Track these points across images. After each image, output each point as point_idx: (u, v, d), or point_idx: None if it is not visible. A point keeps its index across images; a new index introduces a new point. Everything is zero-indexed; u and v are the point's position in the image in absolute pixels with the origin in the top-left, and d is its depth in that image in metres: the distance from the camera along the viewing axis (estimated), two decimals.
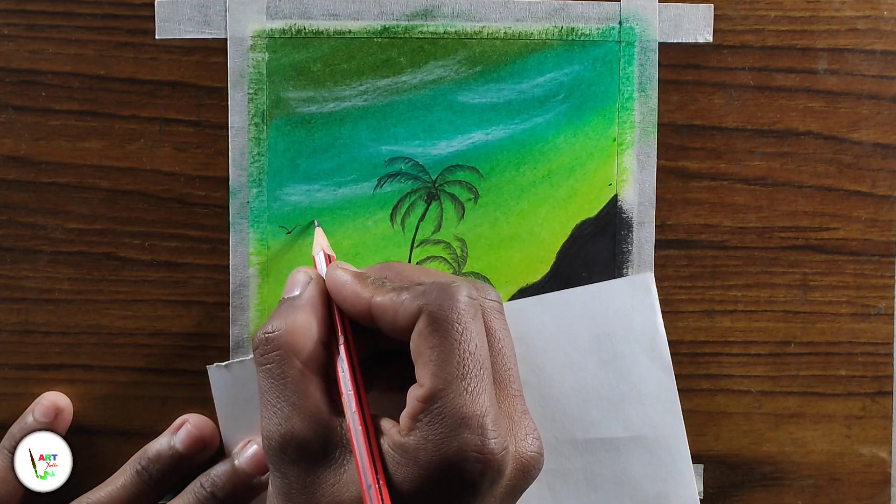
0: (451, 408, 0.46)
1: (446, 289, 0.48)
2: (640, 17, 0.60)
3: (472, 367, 0.47)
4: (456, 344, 0.47)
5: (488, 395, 0.47)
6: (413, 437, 0.47)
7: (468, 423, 0.46)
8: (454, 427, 0.46)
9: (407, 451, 0.47)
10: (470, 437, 0.46)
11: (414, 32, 0.60)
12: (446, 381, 0.46)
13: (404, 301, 0.48)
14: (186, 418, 0.59)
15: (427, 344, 0.47)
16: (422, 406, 0.47)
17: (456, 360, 0.47)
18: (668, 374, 0.59)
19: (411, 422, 0.47)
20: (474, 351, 0.47)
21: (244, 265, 0.60)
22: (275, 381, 0.49)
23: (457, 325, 0.47)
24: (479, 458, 0.46)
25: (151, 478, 0.57)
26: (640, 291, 0.59)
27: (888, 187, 0.61)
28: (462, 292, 0.48)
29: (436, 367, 0.47)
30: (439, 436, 0.46)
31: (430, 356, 0.47)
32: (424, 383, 0.47)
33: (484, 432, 0.46)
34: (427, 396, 0.47)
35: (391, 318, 0.49)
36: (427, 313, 0.48)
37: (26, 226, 0.59)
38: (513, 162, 0.60)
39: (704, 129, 0.60)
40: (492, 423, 0.46)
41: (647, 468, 0.59)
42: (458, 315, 0.47)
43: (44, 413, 0.59)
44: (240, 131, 0.59)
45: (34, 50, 0.59)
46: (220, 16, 0.59)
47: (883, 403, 0.61)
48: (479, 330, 0.48)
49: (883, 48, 0.60)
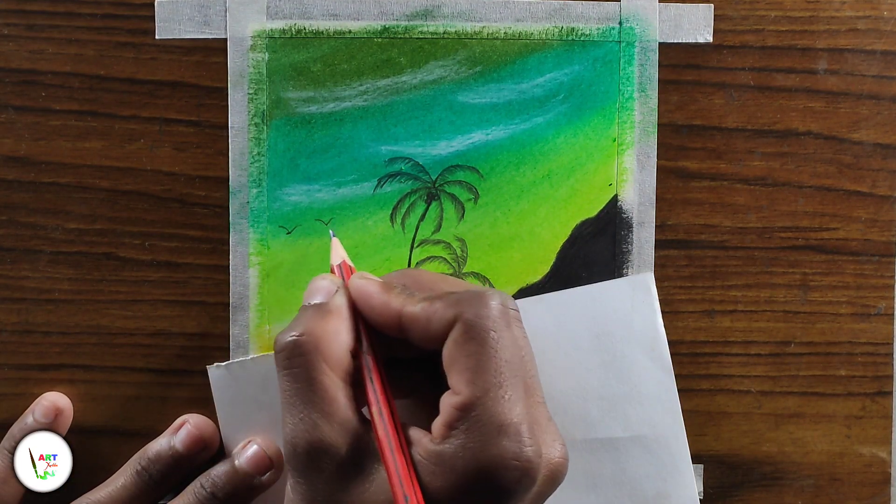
0: (490, 415, 0.46)
1: (481, 297, 0.48)
2: (640, 17, 0.60)
3: (508, 376, 0.47)
4: (493, 352, 0.47)
5: (523, 402, 0.47)
6: (449, 445, 0.46)
7: (506, 430, 0.46)
8: (493, 434, 0.46)
9: (443, 459, 0.46)
10: (508, 444, 0.45)
11: (414, 32, 0.60)
12: (484, 388, 0.46)
13: (438, 309, 0.48)
14: (186, 418, 0.59)
15: (463, 352, 0.47)
16: (459, 414, 0.46)
17: (493, 368, 0.46)
18: (668, 374, 0.59)
19: (446, 430, 0.47)
20: (510, 359, 0.47)
21: (244, 265, 0.60)
22: (302, 385, 0.48)
23: (493, 332, 0.47)
24: (518, 465, 0.45)
25: (151, 478, 0.57)
26: (639, 291, 0.59)
27: (888, 187, 0.61)
28: (496, 300, 0.48)
29: (473, 375, 0.46)
30: (478, 443, 0.46)
31: (467, 364, 0.47)
32: (461, 391, 0.47)
33: (521, 440, 0.46)
34: (464, 404, 0.46)
35: (423, 327, 0.48)
36: (463, 321, 0.47)
37: (26, 226, 0.59)
38: (513, 162, 0.60)
39: (704, 129, 0.60)
40: (528, 431, 0.46)
41: (647, 468, 0.59)
42: (495, 323, 0.47)
43: (44, 413, 0.59)
44: (240, 131, 0.59)
45: (34, 50, 0.59)
46: (220, 16, 0.59)
47: (883, 403, 0.61)
48: (512, 338, 0.48)
49: (883, 48, 0.60)
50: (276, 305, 0.60)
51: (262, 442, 0.58)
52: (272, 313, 0.60)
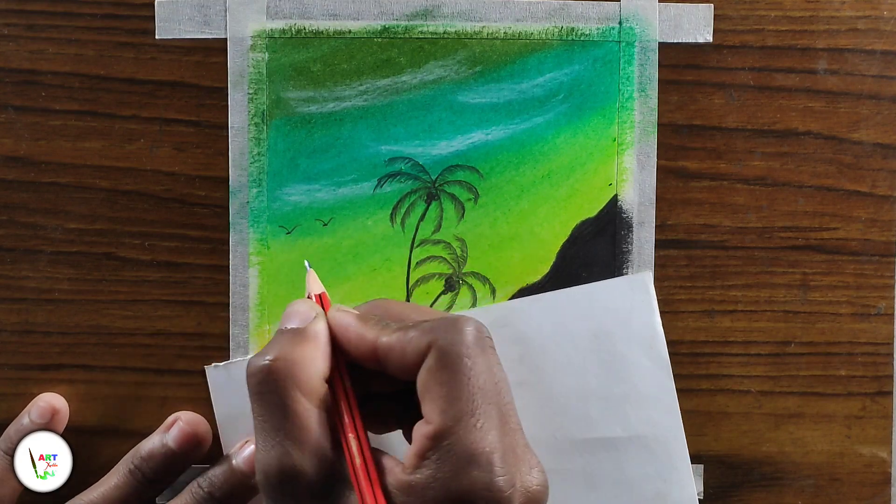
0: (461, 445, 0.45)
1: (455, 324, 0.47)
2: (640, 17, 0.60)
3: (481, 404, 0.46)
4: (466, 380, 0.46)
5: (496, 431, 0.46)
6: (420, 475, 0.46)
7: (477, 460, 0.45)
8: (463, 465, 0.45)
9: (414, 489, 0.46)
10: (479, 474, 0.45)
11: (414, 32, 0.60)
12: (455, 417, 0.46)
13: (412, 339, 0.47)
14: (178, 416, 0.59)
15: (436, 380, 0.46)
16: (430, 443, 0.46)
17: (466, 396, 0.46)
18: (667, 373, 0.59)
19: (418, 460, 0.46)
20: (483, 386, 0.46)
21: (244, 265, 0.60)
22: (274, 411, 0.47)
23: (466, 359, 0.46)
24: (489, 495, 0.45)
25: (145, 476, 0.57)
26: (638, 291, 0.59)
27: (888, 187, 0.61)
28: (471, 326, 0.47)
29: (445, 404, 0.46)
30: (448, 474, 0.45)
31: (440, 392, 0.46)
32: (433, 420, 0.46)
33: (492, 469, 0.45)
34: (436, 434, 0.46)
35: (398, 356, 0.48)
36: (437, 349, 0.47)
37: (26, 226, 0.59)
38: (513, 162, 0.60)
39: (704, 129, 0.60)
40: (500, 460, 0.45)
41: (646, 468, 0.59)
42: (468, 349, 0.47)
43: (40, 414, 0.59)
44: (240, 131, 0.59)
45: (34, 50, 0.59)
46: (220, 16, 0.59)
47: (883, 403, 0.61)
48: (486, 365, 0.47)
49: (883, 48, 0.60)
50: (276, 305, 0.60)
51: None
52: (272, 313, 0.60)
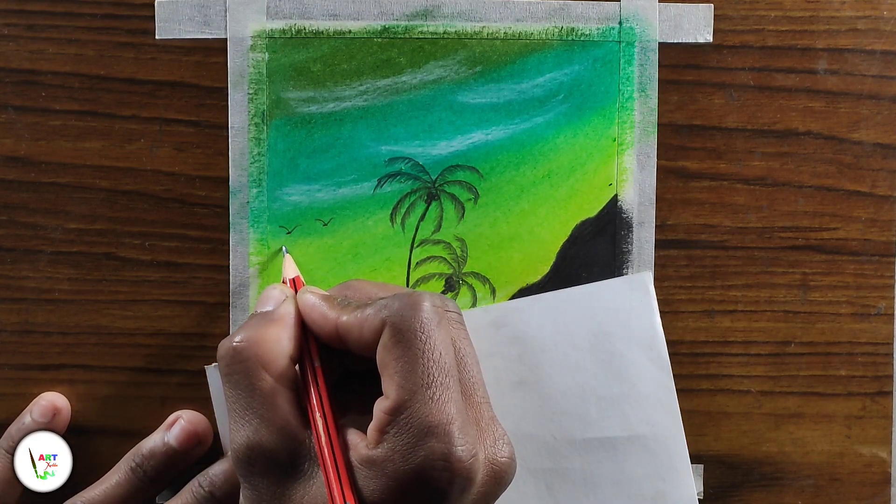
0: (417, 417, 0.46)
1: (408, 299, 0.48)
2: (640, 17, 0.60)
3: (437, 376, 0.47)
4: (420, 353, 0.47)
5: (455, 402, 0.47)
6: (381, 450, 0.47)
7: (434, 431, 0.46)
8: (420, 436, 0.46)
9: (375, 463, 0.47)
10: (436, 445, 0.46)
11: (414, 32, 0.60)
12: (411, 391, 0.46)
13: (368, 316, 0.48)
14: (180, 414, 0.59)
15: (392, 355, 0.47)
16: (388, 418, 0.47)
17: (420, 369, 0.47)
18: (667, 373, 0.59)
19: (378, 434, 0.47)
20: (438, 359, 0.47)
21: (244, 265, 0.60)
22: (242, 392, 0.49)
23: (420, 334, 0.47)
24: (447, 465, 0.46)
25: (146, 474, 0.57)
26: (638, 291, 0.59)
27: (888, 187, 0.61)
28: (425, 301, 0.48)
29: (401, 378, 0.47)
30: (406, 446, 0.46)
31: (396, 367, 0.47)
32: (390, 395, 0.47)
33: (450, 440, 0.46)
34: (393, 408, 0.47)
35: (357, 334, 0.49)
36: (390, 325, 0.48)
37: (26, 226, 0.59)
38: (513, 162, 0.60)
39: (704, 129, 0.60)
40: (458, 431, 0.46)
41: (646, 468, 0.59)
42: (421, 324, 0.47)
43: (42, 413, 0.59)
44: (240, 131, 0.59)
45: (34, 50, 0.59)
46: (220, 16, 0.59)
47: (883, 403, 0.61)
48: (443, 338, 0.48)
49: (883, 48, 0.60)
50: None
51: None
52: None
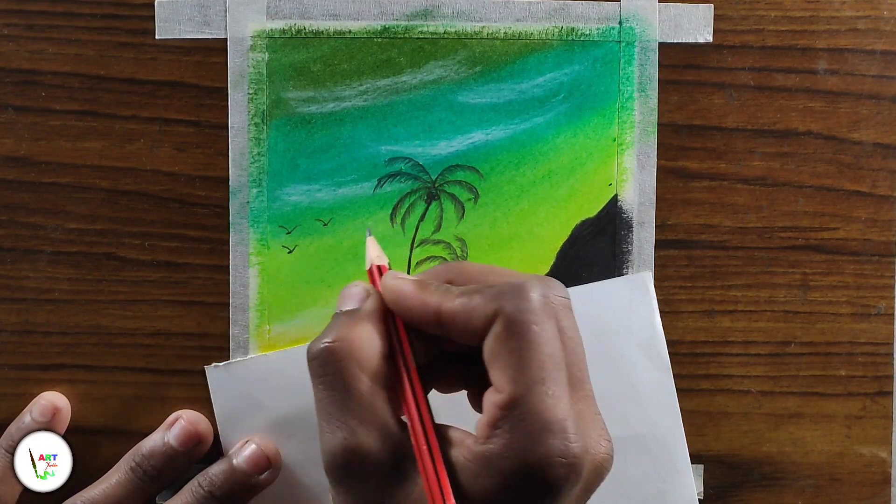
0: (534, 413, 0.44)
1: (521, 289, 0.46)
2: (640, 17, 0.60)
3: (551, 371, 0.45)
4: (535, 347, 0.45)
5: (567, 398, 0.45)
6: (493, 445, 0.45)
7: (551, 427, 0.44)
8: (537, 432, 0.44)
9: (487, 459, 0.45)
10: (554, 442, 0.44)
11: (414, 32, 0.60)
12: (527, 385, 0.45)
13: (477, 305, 0.46)
14: (180, 414, 0.59)
15: (505, 348, 0.45)
16: (502, 412, 0.45)
17: (536, 363, 0.45)
18: (667, 373, 0.59)
19: (490, 429, 0.45)
20: (552, 353, 0.45)
21: (244, 265, 0.60)
22: (336, 393, 0.46)
23: (534, 326, 0.45)
24: (564, 462, 0.44)
25: (146, 474, 0.57)
26: (638, 291, 0.59)
27: (888, 187, 0.61)
28: (537, 291, 0.46)
29: (515, 372, 0.45)
30: (523, 442, 0.44)
31: (509, 360, 0.45)
32: (503, 388, 0.45)
33: (567, 436, 0.44)
34: (507, 402, 0.45)
35: (463, 323, 0.46)
36: (504, 316, 0.45)
37: (26, 226, 0.59)
38: (513, 162, 0.60)
39: (704, 129, 0.60)
40: (573, 427, 0.45)
41: (646, 467, 0.59)
42: (536, 316, 0.45)
43: (42, 413, 0.59)
44: (240, 131, 0.59)
45: (34, 50, 0.59)
46: (220, 16, 0.59)
47: (883, 403, 0.61)
48: (554, 331, 0.46)
49: (883, 48, 0.60)
50: (276, 305, 0.60)
51: (260, 441, 0.58)
52: (272, 313, 0.60)
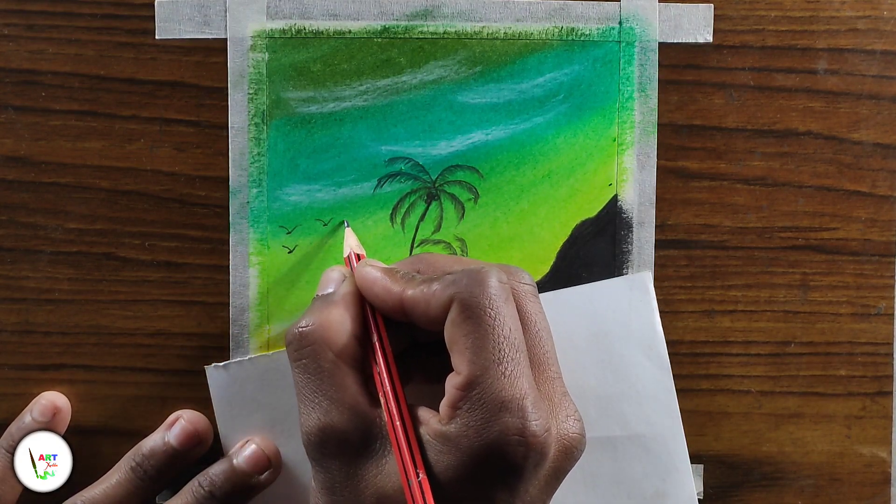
0: (490, 393, 0.46)
1: (476, 275, 0.48)
2: (640, 17, 0.60)
3: (507, 352, 0.47)
4: (490, 329, 0.47)
5: (526, 377, 0.47)
6: (454, 425, 0.47)
7: (508, 406, 0.46)
8: (494, 412, 0.46)
9: (448, 439, 0.47)
10: (511, 420, 0.46)
11: (414, 32, 0.60)
12: (483, 367, 0.46)
13: (435, 291, 0.48)
14: (180, 414, 0.59)
15: (461, 332, 0.47)
16: (460, 394, 0.47)
17: (491, 345, 0.47)
18: (666, 372, 0.59)
19: (451, 410, 0.47)
20: (508, 335, 0.47)
21: (244, 265, 0.60)
22: (311, 375, 0.49)
23: (489, 310, 0.47)
24: (521, 440, 0.46)
25: (146, 474, 0.57)
26: (637, 290, 0.59)
27: (888, 187, 0.61)
28: (492, 277, 0.48)
29: (471, 354, 0.47)
30: (480, 421, 0.46)
31: (465, 343, 0.47)
32: (461, 371, 0.47)
33: (524, 414, 0.46)
34: (465, 384, 0.47)
35: (423, 310, 0.49)
36: (458, 301, 0.47)
37: (26, 226, 0.59)
38: (513, 162, 0.60)
39: (704, 129, 0.60)
40: (532, 406, 0.46)
41: (645, 467, 0.59)
42: (490, 300, 0.47)
43: (42, 412, 0.59)
44: (240, 131, 0.59)
45: (34, 50, 0.59)
46: (220, 16, 0.59)
47: (883, 403, 0.61)
48: (511, 313, 0.48)
49: (883, 48, 0.60)
50: (276, 305, 0.60)
51: (261, 441, 0.58)
52: (272, 313, 0.60)
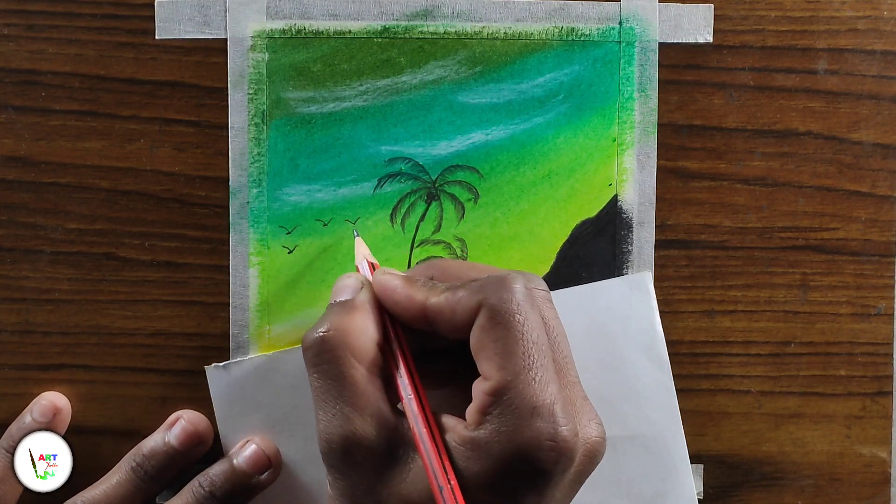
0: (522, 398, 0.46)
1: (503, 281, 0.48)
2: (640, 18, 0.60)
3: (536, 357, 0.47)
4: (519, 335, 0.47)
5: (555, 383, 0.47)
6: (484, 431, 0.47)
7: (539, 412, 0.46)
8: (526, 417, 0.46)
9: (478, 444, 0.47)
10: (542, 425, 0.46)
11: (414, 32, 0.60)
12: (514, 372, 0.46)
13: (461, 298, 0.48)
14: (181, 414, 0.59)
15: (490, 337, 0.47)
16: (491, 399, 0.47)
17: (521, 351, 0.47)
18: (666, 373, 0.59)
19: (480, 416, 0.47)
20: (537, 340, 0.47)
21: (244, 265, 0.60)
22: (332, 381, 0.49)
23: (518, 315, 0.47)
24: (553, 445, 0.46)
25: (147, 474, 0.57)
26: (637, 291, 0.59)
27: (888, 187, 0.61)
28: (519, 283, 0.48)
29: (501, 360, 0.47)
30: (512, 426, 0.46)
31: (495, 349, 0.47)
32: (491, 376, 0.47)
33: (555, 420, 0.46)
34: (496, 389, 0.47)
35: (449, 316, 0.49)
36: (487, 307, 0.47)
37: (26, 226, 0.59)
38: (513, 162, 0.60)
39: (704, 129, 0.60)
40: (562, 411, 0.46)
41: (645, 467, 0.59)
42: (518, 306, 0.47)
43: (42, 413, 0.59)
44: (240, 131, 0.59)
45: (34, 50, 0.59)
46: (220, 16, 0.59)
47: (883, 403, 0.61)
48: (537, 319, 0.48)
49: (883, 48, 0.60)
50: (276, 305, 0.60)
51: (261, 441, 0.58)
52: (272, 313, 0.60)
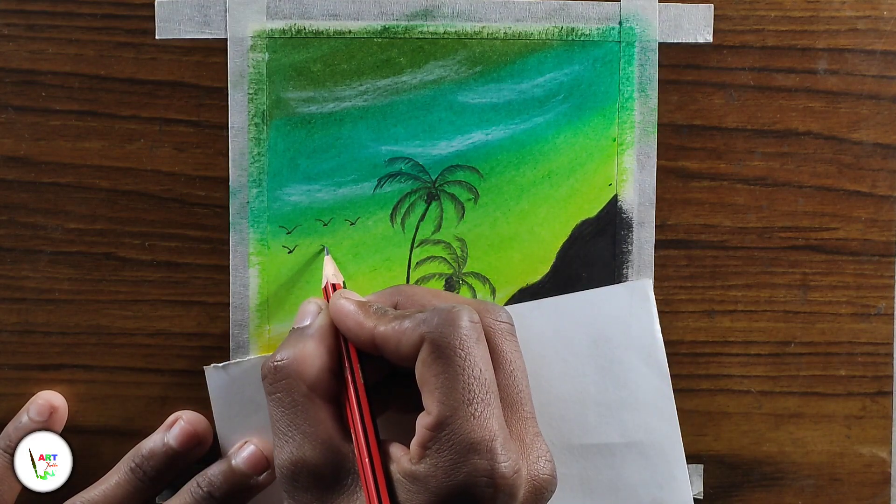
0: (460, 434, 0.46)
1: (447, 315, 0.48)
2: (640, 17, 0.60)
3: (477, 393, 0.47)
4: (460, 370, 0.47)
5: (496, 419, 0.47)
6: (423, 465, 0.47)
7: (477, 448, 0.46)
8: (463, 453, 0.46)
9: (417, 478, 0.47)
10: (479, 461, 0.46)
11: (414, 32, 0.60)
12: (453, 407, 0.47)
13: (406, 330, 0.49)
14: (180, 415, 0.59)
15: (431, 372, 0.47)
16: (430, 434, 0.47)
17: (461, 386, 0.47)
18: (665, 380, 0.59)
19: (421, 450, 0.47)
20: (479, 376, 0.47)
21: (244, 265, 0.60)
22: (285, 409, 0.50)
23: (459, 350, 0.47)
24: (490, 482, 0.46)
25: (146, 475, 0.57)
26: (637, 298, 0.59)
27: (888, 187, 0.61)
28: (463, 318, 0.48)
29: (441, 395, 0.47)
30: (449, 462, 0.46)
31: (436, 384, 0.47)
32: (431, 411, 0.47)
33: (493, 456, 0.46)
34: (435, 424, 0.47)
35: (394, 347, 0.49)
36: (429, 341, 0.48)
37: (26, 226, 0.59)
38: (513, 162, 0.60)
39: (704, 129, 0.60)
40: (501, 447, 0.46)
41: (643, 474, 0.59)
42: (461, 341, 0.47)
43: (38, 412, 0.59)
44: (240, 131, 0.59)
45: (34, 50, 0.59)
46: (220, 16, 0.59)
47: (883, 403, 0.61)
48: (482, 354, 0.48)
49: (883, 48, 0.60)
50: (276, 305, 0.60)
51: (259, 442, 0.58)
52: (272, 313, 0.60)
